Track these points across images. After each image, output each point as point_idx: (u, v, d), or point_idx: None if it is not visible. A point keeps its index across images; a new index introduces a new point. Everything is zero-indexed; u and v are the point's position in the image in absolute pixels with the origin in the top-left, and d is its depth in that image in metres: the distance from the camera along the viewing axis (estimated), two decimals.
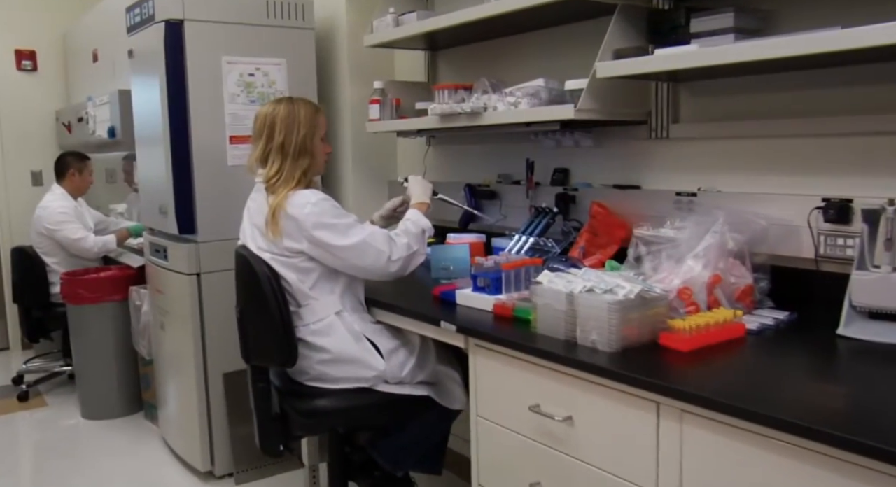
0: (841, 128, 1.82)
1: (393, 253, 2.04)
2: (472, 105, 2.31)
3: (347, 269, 2.05)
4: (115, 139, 3.81)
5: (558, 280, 1.69)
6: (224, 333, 2.98)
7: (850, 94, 1.80)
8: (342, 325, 2.07)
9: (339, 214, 2.02)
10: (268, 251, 2.05)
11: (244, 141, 2.98)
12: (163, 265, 3.13)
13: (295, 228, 1.99)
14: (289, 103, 2.11)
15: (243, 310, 2.15)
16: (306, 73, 3.13)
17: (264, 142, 2.08)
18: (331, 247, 1.99)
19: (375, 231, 2.04)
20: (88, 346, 3.83)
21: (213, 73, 2.91)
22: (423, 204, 2.22)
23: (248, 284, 2.07)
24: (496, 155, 2.83)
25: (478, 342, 1.82)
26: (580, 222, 2.41)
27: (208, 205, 2.94)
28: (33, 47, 5.15)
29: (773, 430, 1.20)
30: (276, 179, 2.04)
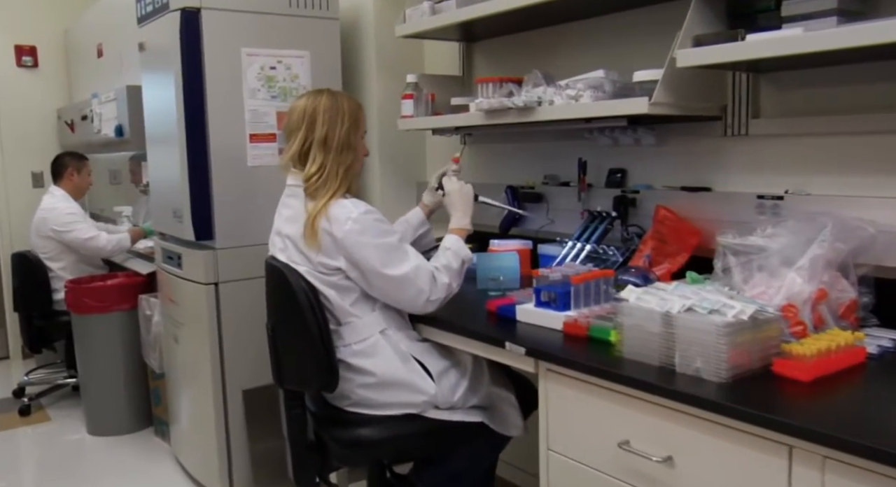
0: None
1: (432, 294, 1.82)
2: (526, 99, 2.09)
3: (381, 297, 1.85)
4: (122, 138, 3.59)
5: (649, 297, 1.47)
6: (244, 347, 2.78)
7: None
8: (387, 345, 1.85)
9: (382, 232, 1.81)
10: (303, 265, 1.83)
11: (265, 139, 2.77)
12: (176, 273, 2.90)
13: (332, 245, 1.78)
14: (330, 95, 1.90)
15: (275, 328, 1.93)
16: (331, 66, 2.91)
17: (303, 135, 1.86)
18: (369, 273, 1.78)
19: (420, 266, 1.82)
20: (94, 358, 3.60)
21: (233, 66, 2.69)
22: (463, 230, 1.99)
23: (282, 299, 1.85)
24: (542, 154, 2.61)
25: (551, 367, 1.60)
26: (642, 228, 2.19)
27: (227, 209, 2.72)
28: (34, 43, 4.92)
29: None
30: (317, 178, 1.82)
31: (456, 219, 2.01)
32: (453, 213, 2.02)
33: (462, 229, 1.99)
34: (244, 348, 2.78)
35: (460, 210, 2.02)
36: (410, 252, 1.84)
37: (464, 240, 1.96)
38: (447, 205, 2.06)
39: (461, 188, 2.06)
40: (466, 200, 2.04)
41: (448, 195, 2.07)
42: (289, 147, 1.90)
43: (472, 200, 2.06)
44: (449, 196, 2.06)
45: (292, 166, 1.91)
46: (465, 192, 2.06)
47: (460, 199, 2.04)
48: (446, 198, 2.07)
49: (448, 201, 2.06)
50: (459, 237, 1.95)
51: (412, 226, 2.17)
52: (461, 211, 2.02)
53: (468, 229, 2.00)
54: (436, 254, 1.92)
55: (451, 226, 2.00)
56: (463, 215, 2.01)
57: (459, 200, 2.03)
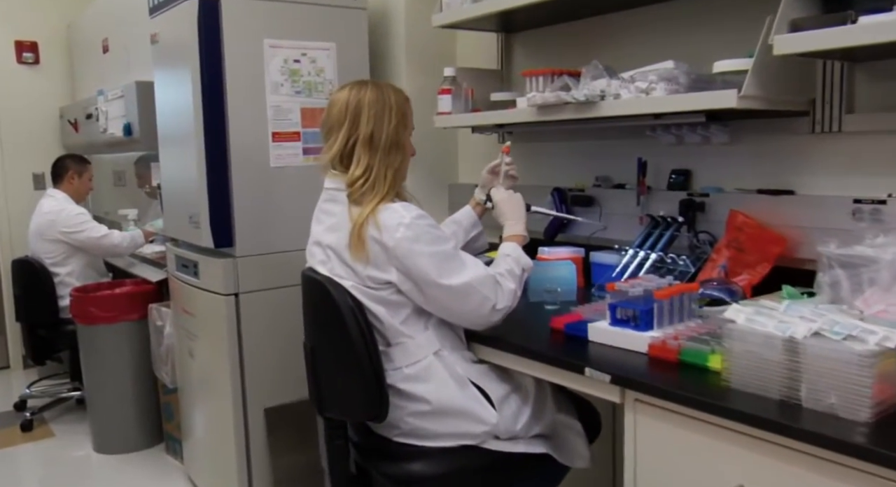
0: None
1: (499, 301, 1.62)
2: (587, 93, 1.89)
3: (438, 311, 1.65)
4: (131, 137, 3.38)
5: (761, 317, 1.27)
6: (266, 363, 2.58)
7: None
8: (442, 368, 1.64)
9: (437, 239, 1.60)
10: (348, 279, 1.62)
11: (289, 138, 2.56)
12: (192, 282, 2.70)
13: (382, 255, 1.58)
14: (375, 87, 1.69)
15: (316, 349, 1.72)
16: (358, 59, 2.70)
17: (346, 133, 1.65)
18: (426, 285, 1.58)
19: (482, 272, 1.62)
20: (101, 370, 3.39)
21: (254, 59, 2.48)
22: (520, 236, 1.80)
23: (324, 317, 1.64)
24: (592, 153, 2.41)
25: (641, 397, 1.40)
26: (712, 235, 1.99)
27: (248, 213, 2.51)
28: (35, 38, 4.70)
29: None
30: (363, 181, 1.61)
31: (510, 227, 1.81)
32: (506, 222, 1.83)
33: (518, 235, 1.79)
34: (266, 363, 2.58)
35: (512, 218, 1.82)
36: (468, 259, 1.64)
37: (521, 247, 1.75)
38: (497, 216, 1.86)
39: (510, 196, 1.87)
40: (518, 208, 1.85)
41: (497, 205, 1.87)
42: (329, 146, 1.70)
43: (523, 208, 1.86)
44: (498, 206, 1.86)
45: (331, 168, 1.71)
46: (516, 200, 1.87)
47: (511, 207, 1.84)
48: (496, 209, 1.87)
49: (498, 211, 1.86)
50: (516, 244, 1.75)
51: (463, 227, 1.97)
52: (513, 219, 1.82)
53: (525, 236, 1.80)
54: (494, 262, 1.72)
55: (505, 233, 1.81)
56: (516, 222, 1.81)
57: (510, 208, 1.84)
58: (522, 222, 1.82)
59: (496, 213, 1.86)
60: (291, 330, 2.59)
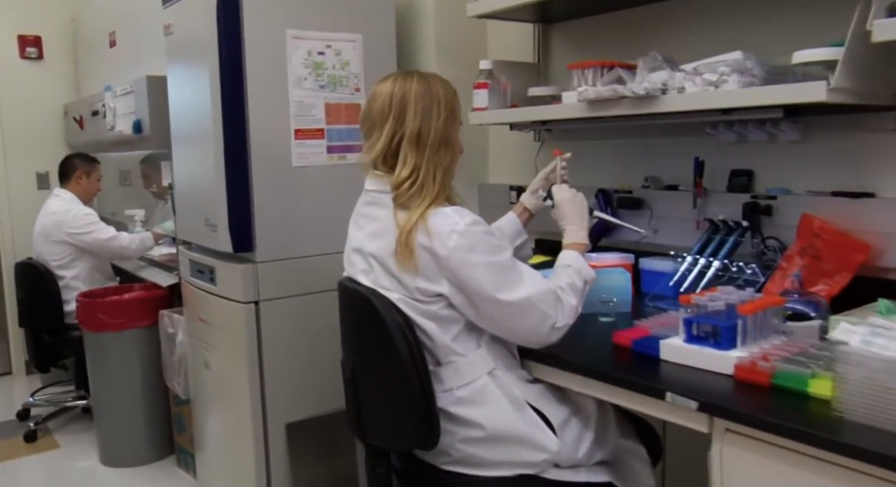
0: None
1: (559, 319, 1.47)
2: (648, 86, 1.73)
3: (492, 328, 1.49)
4: (140, 135, 3.21)
5: (880, 339, 1.11)
6: (287, 375, 2.42)
7: None
8: (498, 389, 1.48)
9: (493, 248, 1.44)
10: (394, 291, 1.46)
11: (312, 136, 2.41)
12: (208, 289, 2.53)
13: (433, 264, 1.42)
14: (421, 78, 1.53)
15: (356, 369, 1.56)
16: (385, 51, 2.54)
17: (390, 129, 1.49)
18: (480, 299, 1.42)
19: (541, 286, 1.46)
20: (109, 379, 3.23)
21: (277, 51, 2.32)
22: (581, 245, 1.63)
23: (368, 335, 1.48)
24: (640, 152, 2.24)
25: (732, 426, 1.24)
26: (780, 241, 1.83)
27: (269, 216, 2.35)
28: (38, 32, 4.54)
29: None
30: (410, 183, 1.45)
31: (571, 233, 1.65)
32: (566, 226, 1.66)
33: (580, 243, 1.63)
34: (288, 376, 2.42)
35: (575, 222, 1.66)
36: (525, 270, 1.48)
37: (583, 256, 1.60)
38: (557, 217, 1.70)
39: (574, 197, 1.70)
40: (581, 211, 1.68)
41: (558, 205, 1.70)
42: (370, 145, 1.53)
43: (587, 212, 1.70)
44: (559, 206, 1.70)
45: (373, 168, 1.55)
46: (579, 202, 1.70)
47: (574, 210, 1.67)
48: (556, 209, 1.71)
49: (559, 212, 1.70)
50: (578, 253, 1.59)
51: (507, 235, 1.80)
52: (576, 223, 1.66)
53: (586, 244, 1.64)
54: (553, 273, 1.56)
55: (565, 240, 1.64)
56: (578, 228, 1.65)
57: (573, 211, 1.67)
58: (585, 228, 1.66)
59: (556, 214, 1.70)
60: (314, 340, 2.46)
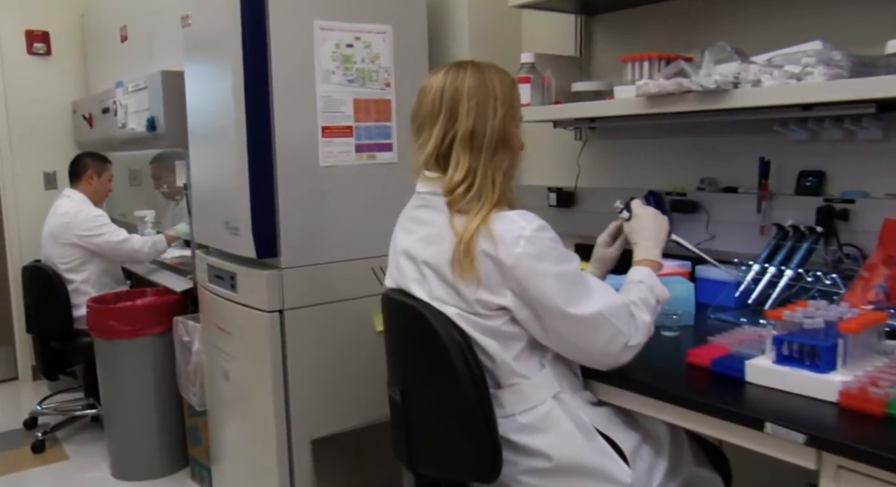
0: None
1: (633, 337, 1.33)
2: (719, 79, 1.57)
3: (558, 346, 1.34)
4: (154, 133, 3.06)
5: None
6: (313, 388, 2.29)
7: None
8: (564, 415, 1.34)
9: (564, 257, 1.30)
10: (453, 305, 1.31)
11: (340, 133, 2.26)
12: (228, 296, 2.39)
13: (497, 274, 1.27)
14: (476, 70, 1.38)
15: (407, 391, 1.41)
16: (416, 44, 2.40)
17: (441, 128, 1.35)
18: (549, 313, 1.28)
19: (614, 300, 1.32)
20: (121, 388, 3.09)
21: (304, 43, 2.18)
22: (655, 262, 1.49)
23: (421, 354, 1.34)
24: (695, 151, 2.09)
25: (846, 463, 1.09)
26: (859, 248, 1.68)
27: (295, 218, 2.21)
28: (46, 28, 4.38)
29: None
30: (465, 188, 1.31)
31: (644, 249, 1.50)
32: (640, 241, 1.52)
33: (653, 261, 1.48)
34: (313, 389, 2.28)
35: (650, 238, 1.51)
36: (594, 282, 1.33)
37: (656, 274, 1.45)
38: (631, 231, 1.56)
39: (655, 215, 1.56)
40: (660, 229, 1.54)
41: (636, 218, 1.56)
42: (421, 144, 1.39)
43: (666, 231, 1.56)
44: (637, 219, 1.55)
45: (425, 169, 1.40)
46: (661, 220, 1.56)
47: (652, 226, 1.53)
48: (633, 222, 1.56)
49: (635, 225, 1.55)
50: (651, 270, 1.45)
51: None
52: (651, 239, 1.51)
53: (660, 263, 1.50)
54: (624, 288, 1.41)
55: (637, 256, 1.50)
56: (653, 244, 1.51)
57: (651, 226, 1.53)
58: (660, 246, 1.52)
59: (630, 228, 1.55)
60: (341, 351, 2.31)
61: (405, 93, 2.35)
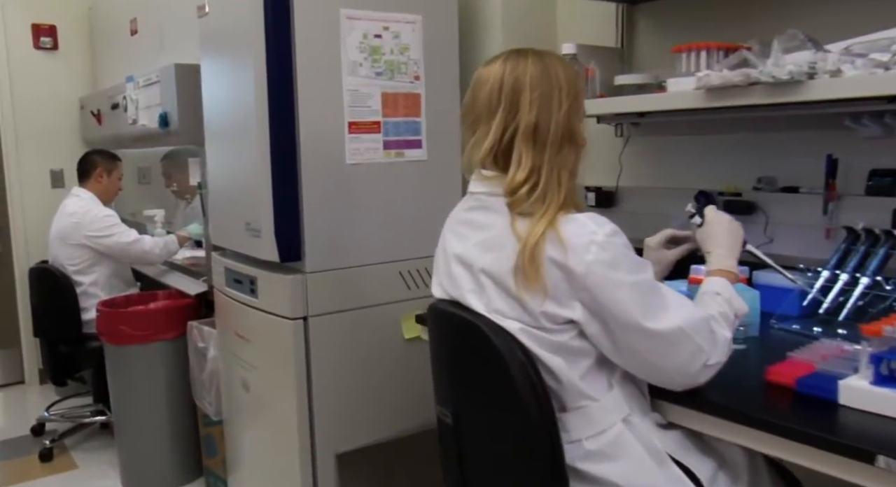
0: None
1: (713, 355, 1.19)
2: (793, 69, 1.44)
3: (630, 364, 1.21)
4: (167, 129, 2.94)
5: None
6: (339, 399, 2.15)
7: None
8: (635, 440, 1.20)
9: (639, 265, 1.18)
10: (514, 318, 1.18)
11: (367, 129, 2.13)
12: (248, 302, 2.26)
13: (565, 283, 1.14)
14: (538, 59, 1.25)
15: (460, 414, 1.27)
16: (447, 34, 2.27)
17: (501, 122, 1.21)
18: (623, 327, 1.15)
19: (693, 313, 1.19)
20: (132, 396, 2.96)
21: (330, 33, 2.05)
22: (730, 273, 1.36)
23: (477, 372, 1.21)
24: (751, 149, 1.96)
25: None
26: None
27: (321, 220, 2.09)
28: (53, 21, 4.26)
29: None
30: (529, 188, 1.18)
31: (718, 258, 1.38)
32: (714, 249, 1.39)
33: (728, 271, 1.35)
34: (339, 400, 2.15)
35: (724, 246, 1.39)
36: (669, 293, 1.20)
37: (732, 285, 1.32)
38: (704, 238, 1.43)
39: (731, 222, 1.44)
40: (735, 237, 1.41)
41: (710, 225, 1.43)
42: (476, 140, 1.25)
43: (741, 239, 1.43)
44: (710, 226, 1.43)
45: (481, 167, 1.27)
46: (736, 228, 1.43)
47: (727, 233, 1.41)
48: (706, 228, 1.44)
49: (708, 232, 1.43)
50: (728, 281, 1.32)
51: None
52: (725, 247, 1.39)
53: (737, 274, 1.37)
54: (698, 300, 1.28)
55: (711, 265, 1.37)
56: (728, 254, 1.38)
57: (726, 234, 1.41)
58: (735, 256, 1.39)
59: (702, 235, 1.43)
60: (366, 359, 2.18)
61: (435, 86, 2.23)
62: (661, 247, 1.55)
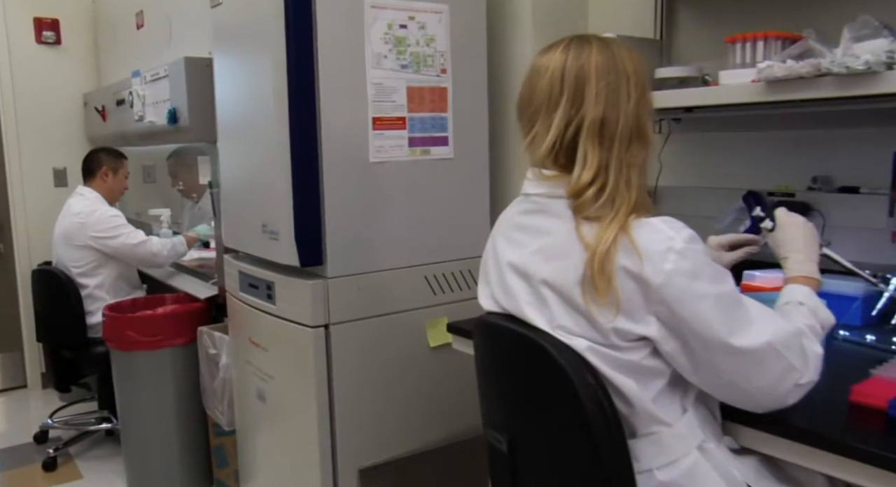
0: None
1: (805, 374, 1.07)
2: (870, 59, 1.32)
3: (711, 384, 1.08)
4: (176, 126, 2.81)
5: None
6: (361, 411, 2.04)
7: None
8: (712, 470, 1.08)
9: (720, 274, 1.06)
10: (582, 335, 1.06)
11: (392, 125, 2.01)
12: (265, 308, 2.14)
13: (640, 296, 1.02)
14: (602, 46, 1.13)
15: (517, 441, 1.15)
16: (475, 25, 2.15)
17: (563, 115, 1.10)
18: (705, 344, 1.03)
19: (785, 326, 1.07)
20: (140, 403, 2.84)
21: (353, 23, 1.93)
22: (814, 280, 1.25)
23: (539, 395, 1.08)
24: (805, 146, 1.84)
25: None
26: None
27: (343, 222, 1.97)
28: (56, 15, 4.13)
29: None
30: (597, 189, 1.06)
31: (798, 264, 1.26)
32: (791, 254, 1.28)
33: (811, 278, 1.23)
34: (362, 412, 2.04)
35: (803, 252, 1.27)
36: (753, 305, 1.08)
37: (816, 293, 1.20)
38: (779, 243, 1.32)
39: (805, 224, 1.32)
40: (812, 240, 1.30)
41: (782, 228, 1.32)
42: (536, 136, 1.13)
43: (817, 243, 1.31)
44: (783, 230, 1.32)
45: (539, 166, 1.15)
46: (811, 230, 1.32)
47: (803, 237, 1.29)
48: (779, 233, 1.32)
49: (783, 237, 1.31)
50: (811, 289, 1.20)
51: None
52: (804, 253, 1.27)
53: (819, 280, 1.25)
54: (780, 310, 1.16)
55: (791, 271, 1.26)
56: (807, 259, 1.26)
57: (803, 237, 1.29)
58: (815, 260, 1.27)
59: (776, 240, 1.31)
60: (391, 369, 2.07)
61: (462, 80, 2.12)
62: (720, 249, 1.44)
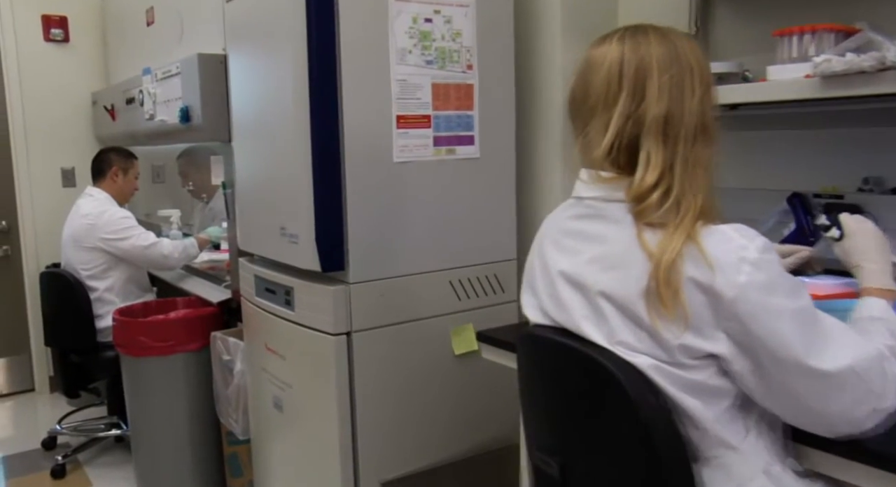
0: None
1: (887, 398, 0.98)
2: None
3: (783, 406, 1.00)
4: (189, 125, 2.73)
5: None
6: (383, 422, 1.96)
7: None
8: None
9: (797, 289, 0.97)
10: (645, 353, 0.97)
11: (416, 124, 1.93)
12: (283, 314, 2.06)
13: (709, 310, 0.94)
14: (661, 36, 1.04)
15: (570, 465, 1.06)
16: (502, 20, 2.07)
17: (623, 113, 1.01)
18: (780, 365, 0.94)
19: (867, 348, 0.98)
20: (151, 410, 2.77)
21: (377, 16, 1.85)
22: (891, 292, 1.15)
23: (596, 416, 1.00)
24: (856, 145, 1.74)
25: None
26: None
27: (366, 224, 1.88)
28: (64, 12, 4.05)
29: None
30: (662, 193, 0.97)
31: (872, 274, 1.17)
32: (864, 264, 1.19)
33: (888, 290, 1.14)
34: (384, 423, 1.96)
35: (877, 261, 1.19)
36: (831, 322, 0.99)
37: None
38: (849, 252, 1.23)
39: (876, 231, 1.24)
40: (885, 248, 1.21)
41: (853, 236, 1.23)
42: (592, 135, 1.05)
43: (889, 251, 1.22)
44: (853, 237, 1.23)
45: (595, 167, 1.06)
46: (881, 237, 1.23)
47: (876, 245, 1.20)
48: (848, 241, 1.24)
49: (853, 245, 1.22)
50: (887, 302, 1.11)
51: None
52: (878, 263, 1.18)
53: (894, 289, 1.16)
54: (855, 325, 1.07)
55: (864, 282, 1.17)
56: (882, 269, 1.17)
57: (875, 245, 1.20)
58: (890, 270, 1.18)
59: (846, 249, 1.23)
60: (415, 378, 1.98)
61: (488, 77, 2.03)
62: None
